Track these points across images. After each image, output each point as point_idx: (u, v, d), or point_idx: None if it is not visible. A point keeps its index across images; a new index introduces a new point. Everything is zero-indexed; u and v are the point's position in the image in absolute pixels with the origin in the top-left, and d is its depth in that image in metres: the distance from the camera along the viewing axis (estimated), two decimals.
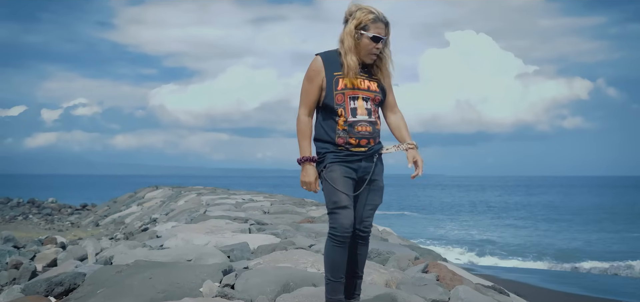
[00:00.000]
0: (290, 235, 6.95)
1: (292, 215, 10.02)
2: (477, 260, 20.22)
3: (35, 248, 8.96)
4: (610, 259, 19.51)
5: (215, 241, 6.39)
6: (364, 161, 3.18)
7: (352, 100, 3.12)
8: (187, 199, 17.21)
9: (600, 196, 71.94)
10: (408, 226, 32.63)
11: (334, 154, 3.14)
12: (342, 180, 3.11)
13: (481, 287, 4.98)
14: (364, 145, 3.16)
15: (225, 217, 8.65)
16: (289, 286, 4.02)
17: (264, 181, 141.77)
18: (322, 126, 3.18)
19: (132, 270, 4.56)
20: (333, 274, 3.18)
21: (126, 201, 25.14)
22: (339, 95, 3.12)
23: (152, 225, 12.79)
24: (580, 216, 40.93)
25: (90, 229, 18.41)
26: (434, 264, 5.25)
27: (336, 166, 3.13)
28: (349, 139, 3.13)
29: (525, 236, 28.36)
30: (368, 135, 3.16)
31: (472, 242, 25.87)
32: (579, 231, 30.37)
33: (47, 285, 4.27)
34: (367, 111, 3.15)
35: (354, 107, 3.13)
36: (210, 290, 3.99)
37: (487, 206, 53.95)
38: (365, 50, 3.11)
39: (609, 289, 14.24)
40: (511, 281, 14.13)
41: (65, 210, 26.87)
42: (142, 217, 17.31)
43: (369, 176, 3.18)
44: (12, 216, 23.16)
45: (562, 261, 19.60)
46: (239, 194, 18.15)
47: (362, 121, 3.14)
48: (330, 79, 3.13)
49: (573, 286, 14.47)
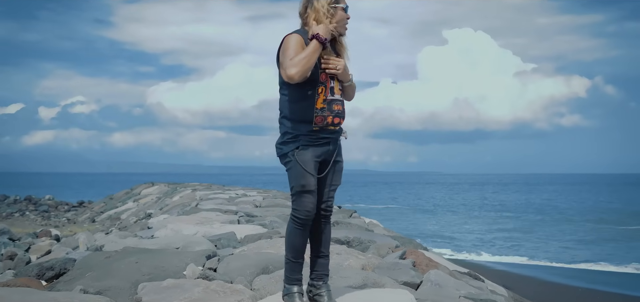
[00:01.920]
0: (277, 226, 7.15)
1: (283, 208, 10.22)
2: (469, 256, 20.44)
3: (30, 240, 9.16)
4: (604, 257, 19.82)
5: (203, 231, 6.59)
6: (331, 144, 3.28)
7: (330, 79, 3.24)
8: (182, 195, 17.42)
9: (599, 194, 72.26)
10: (407, 223, 32.86)
11: (306, 136, 3.20)
12: (312, 163, 3.20)
13: (456, 273, 5.19)
14: (337, 124, 3.27)
15: (216, 210, 8.84)
16: (268, 269, 4.23)
17: (262, 178, 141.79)
18: (295, 105, 3.20)
19: (120, 255, 4.76)
20: (294, 255, 3.28)
21: (122, 198, 25.33)
22: (323, 73, 3.21)
23: (147, 219, 12.99)
24: (580, 214, 41.30)
25: (86, 225, 18.60)
26: (411, 251, 5.45)
27: (308, 149, 3.21)
28: (327, 118, 3.21)
29: (522, 232, 28.59)
30: (342, 113, 3.29)
31: (467, 239, 26.10)
32: (575, 229, 30.61)
33: (38, 269, 4.48)
34: (340, 90, 3.30)
35: (332, 87, 3.25)
36: (193, 273, 4.19)
37: (487, 203, 54.20)
38: (342, 22, 3.25)
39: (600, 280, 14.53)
40: (501, 272, 14.41)
41: (62, 207, 27.04)
42: (137, 212, 17.50)
43: (333, 157, 3.30)
44: (9, 212, 23.33)
45: (559, 259, 19.86)
46: (233, 190, 18.35)
47: (337, 100, 3.26)
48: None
49: (571, 279, 14.80)
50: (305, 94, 3.19)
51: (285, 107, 3.26)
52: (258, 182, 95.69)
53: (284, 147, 3.25)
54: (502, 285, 6.63)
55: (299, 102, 3.20)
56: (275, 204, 11.35)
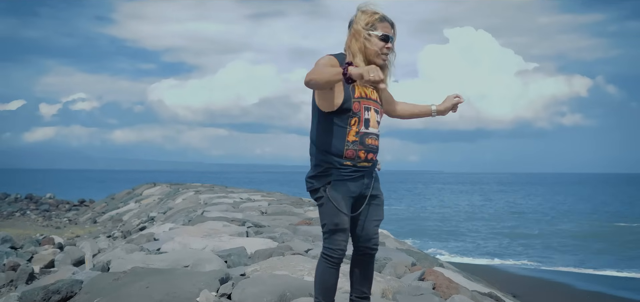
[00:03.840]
0: (287, 239, 6.97)
1: (290, 216, 10.03)
2: (472, 260, 20.30)
3: (32, 249, 8.98)
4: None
5: (212, 245, 6.40)
6: (366, 177, 3.05)
7: (366, 111, 2.99)
8: (185, 197, 17.23)
9: (601, 194, 72.11)
10: (407, 222, 32.72)
11: (338, 170, 2.96)
12: (345, 201, 2.97)
13: (477, 295, 5.00)
14: (370, 160, 3.02)
15: (223, 219, 8.65)
16: (286, 296, 4.03)
17: (263, 177, 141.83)
18: (325, 135, 2.95)
19: (129, 278, 4.56)
20: (325, 296, 3.05)
21: (124, 198, 25.13)
22: (356, 102, 2.95)
23: (150, 224, 12.80)
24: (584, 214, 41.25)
25: (87, 226, 18.42)
26: (430, 271, 5.26)
27: (340, 185, 2.97)
28: (359, 152, 2.97)
29: (524, 234, 28.44)
30: (375, 150, 3.05)
31: (467, 240, 25.94)
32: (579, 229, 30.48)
33: (44, 293, 4.28)
34: (377, 124, 3.05)
35: (367, 118, 2.99)
36: (207, 300, 3.99)
37: (489, 203, 54.08)
38: (375, 50, 2.97)
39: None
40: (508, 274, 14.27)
41: (63, 206, 26.87)
42: (139, 214, 17.32)
43: (370, 191, 3.06)
44: (10, 212, 23.15)
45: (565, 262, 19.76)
46: (236, 192, 18.15)
47: (372, 134, 3.01)
48: (346, 83, 2.85)
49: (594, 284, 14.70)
50: (335, 125, 2.93)
51: (315, 135, 3.02)
52: (259, 180, 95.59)
53: (315, 182, 3.00)
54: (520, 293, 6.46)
55: (329, 132, 2.95)
56: (282, 211, 11.16)
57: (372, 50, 2.97)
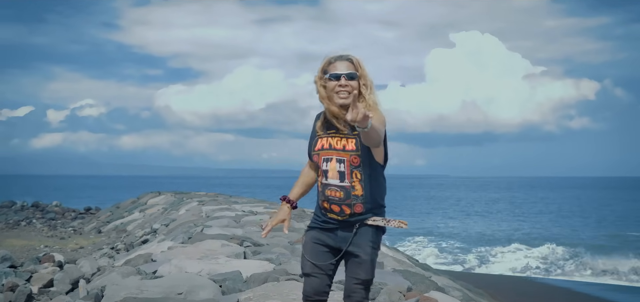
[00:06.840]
0: (284, 260, 6.96)
1: (290, 233, 10.01)
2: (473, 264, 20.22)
3: (32, 267, 9.01)
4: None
5: (208, 269, 6.39)
6: (340, 230, 3.01)
7: (325, 162, 3.00)
8: (188, 208, 17.27)
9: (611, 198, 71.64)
10: (417, 224, 32.64)
11: (316, 216, 3.10)
12: (311, 246, 3.06)
13: None
14: (336, 212, 2.98)
15: (222, 237, 8.66)
16: None
17: (270, 182, 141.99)
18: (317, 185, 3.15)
19: None
20: None
21: (129, 207, 25.22)
22: (315, 155, 3.06)
23: (152, 236, 12.85)
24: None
25: (92, 237, 18.49)
26: (424, 298, 5.23)
27: (312, 231, 3.10)
28: (323, 203, 3.03)
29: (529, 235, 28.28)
30: (338, 201, 2.96)
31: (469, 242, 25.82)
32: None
33: None
34: (339, 174, 2.94)
35: (326, 170, 2.99)
36: None
37: (493, 205, 53.85)
38: (331, 93, 2.95)
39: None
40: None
41: (69, 214, 27.03)
42: (143, 225, 17.39)
43: (345, 247, 2.99)
44: (16, 220, 23.29)
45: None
46: (239, 203, 18.17)
47: (332, 185, 2.97)
48: (313, 137, 3.08)
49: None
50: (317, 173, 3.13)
51: None
52: (265, 186, 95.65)
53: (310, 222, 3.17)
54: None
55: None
56: (282, 226, 11.14)
57: (331, 93, 2.98)
